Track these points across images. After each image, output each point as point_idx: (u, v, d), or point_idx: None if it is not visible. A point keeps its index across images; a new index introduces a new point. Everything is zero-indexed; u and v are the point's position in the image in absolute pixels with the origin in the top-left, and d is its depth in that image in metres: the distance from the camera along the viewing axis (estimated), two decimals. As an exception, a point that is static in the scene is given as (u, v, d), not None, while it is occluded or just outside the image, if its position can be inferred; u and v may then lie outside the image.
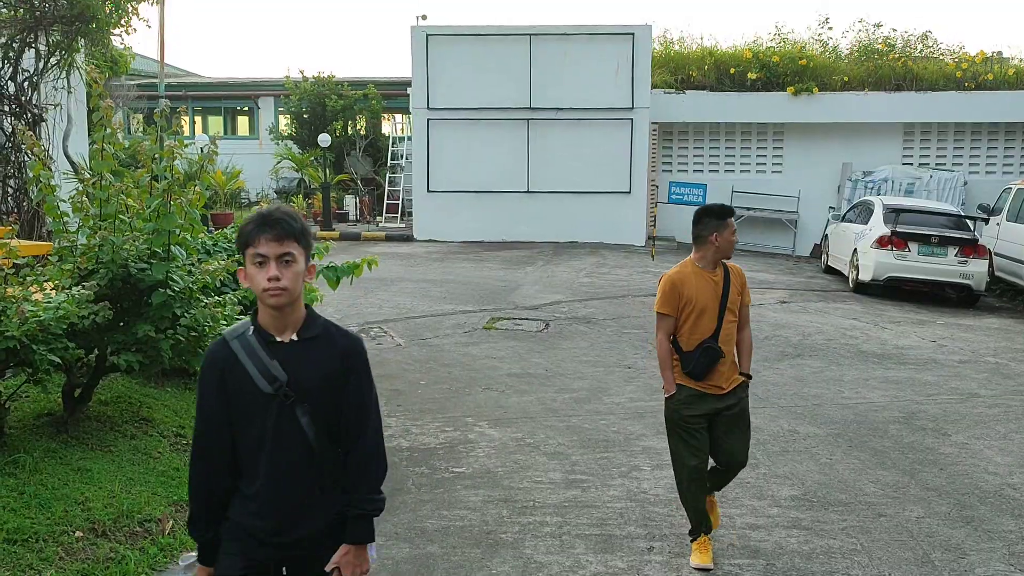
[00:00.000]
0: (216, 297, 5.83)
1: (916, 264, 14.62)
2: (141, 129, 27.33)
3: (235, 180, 24.36)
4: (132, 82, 24.82)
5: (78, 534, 4.35)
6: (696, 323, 4.85)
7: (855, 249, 15.58)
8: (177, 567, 4.40)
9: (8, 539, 4.14)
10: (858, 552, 5.01)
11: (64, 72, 9.78)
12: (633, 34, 20.01)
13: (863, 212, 16.43)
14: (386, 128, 28.00)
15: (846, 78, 21.52)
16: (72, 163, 10.34)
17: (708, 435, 4.93)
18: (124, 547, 4.38)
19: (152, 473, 5.19)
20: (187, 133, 28.69)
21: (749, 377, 5.08)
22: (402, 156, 24.20)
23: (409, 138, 23.20)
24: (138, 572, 4.22)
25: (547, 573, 4.69)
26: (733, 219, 4.98)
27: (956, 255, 14.55)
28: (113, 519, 4.55)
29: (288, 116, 27.13)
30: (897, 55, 22.38)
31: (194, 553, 4.56)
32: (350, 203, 24.54)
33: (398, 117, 28.24)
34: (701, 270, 4.93)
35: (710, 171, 22.01)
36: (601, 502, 5.68)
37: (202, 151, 5.90)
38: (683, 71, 22.18)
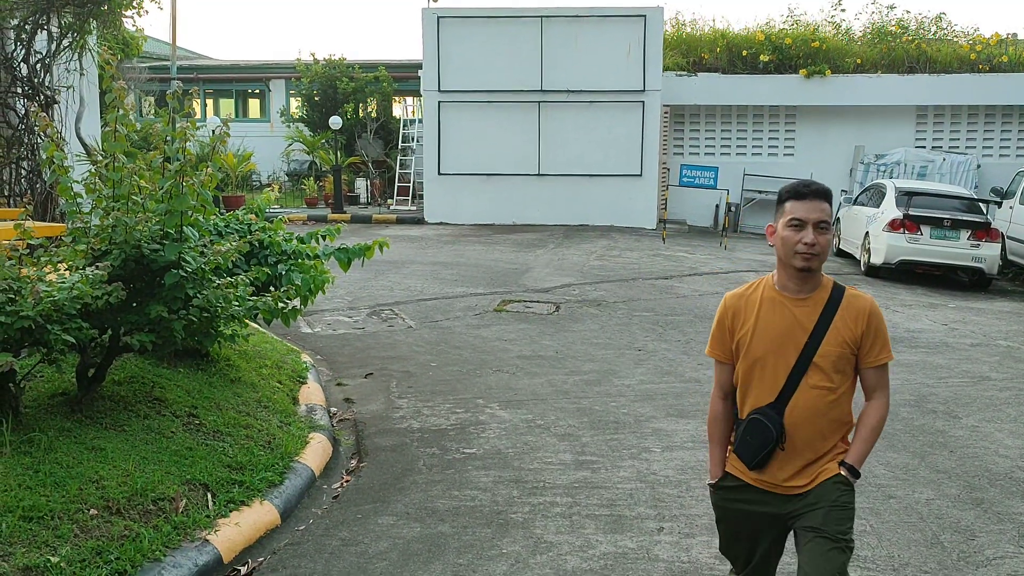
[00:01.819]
0: (228, 278, 5.85)
1: (928, 247, 14.57)
2: (153, 111, 27.38)
3: (246, 162, 24.41)
4: (144, 64, 24.86)
5: (92, 512, 4.39)
6: (754, 378, 3.24)
7: (867, 232, 15.54)
8: (190, 545, 4.44)
9: (24, 516, 4.18)
10: (868, 533, 5.02)
11: (76, 54, 9.80)
12: (645, 16, 19.94)
13: (875, 195, 16.37)
14: (397, 111, 27.99)
15: (859, 60, 21.40)
16: (85, 145, 10.38)
17: (772, 549, 3.40)
18: (138, 525, 4.42)
19: (165, 452, 5.23)
20: (199, 116, 28.73)
21: (855, 474, 3.21)
22: (413, 139, 24.19)
23: (420, 121, 23.18)
24: (152, 549, 4.26)
25: (557, 552, 4.72)
26: (812, 201, 3.12)
27: (968, 238, 14.50)
28: (127, 497, 4.59)
29: (299, 99, 27.15)
30: (910, 37, 22.24)
31: (204, 531, 4.61)
32: (361, 186, 24.56)
33: (409, 100, 28.22)
34: (778, 293, 3.22)
35: (722, 154, 21.97)
36: (611, 483, 5.70)
37: (214, 133, 5.91)
38: (695, 53, 22.11)
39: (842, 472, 3.18)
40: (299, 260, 7.62)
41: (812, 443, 3.18)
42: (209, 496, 4.98)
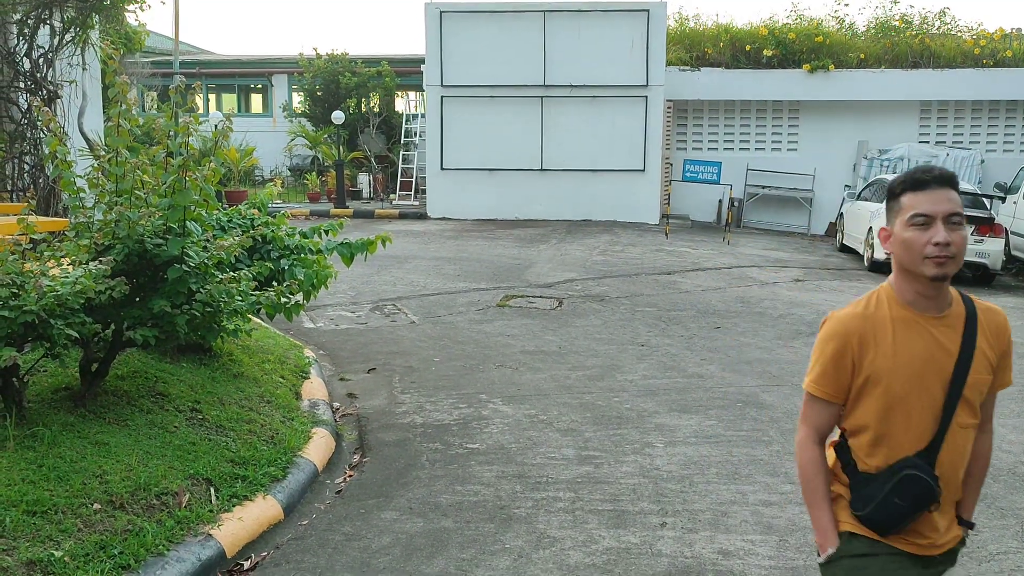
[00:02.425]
0: (231, 273, 5.85)
1: (932, 243, 14.52)
2: (155, 106, 27.38)
3: (249, 157, 24.42)
4: (146, 59, 24.85)
5: (96, 506, 4.39)
6: (892, 421, 2.55)
7: (870, 227, 15.52)
8: (193, 539, 4.44)
9: (28, 511, 4.19)
10: (871, 529, 5.01)
11: (79, 49, 9.79)
12: (648, 11, 19.90)
13: (879, 190, 16.33)
14: (400, 105, 27.98)
15: (862, 55, 21.37)
16: (87, 140, 10.36)
17: None
18: (141, 519, 4.43)
19: (168, 447, 5.24)
20: (201, 110, 28.74)
21: (970, 526, 2.73)
22: (416, 133, 24.19)
23: (423, 115, 23.17)
24: (155, 544, 4.26)
25: (560, 548, 4.72)
26: (936, 190, 2.53)
27: (972, 234, 14.46)
28: (130, 492, 4.60)
29: (302, 94, 27.15)
30: (914, 32, 22.21)
31: (208, 526, 4.61)
32: (364, 181, 24.56)
33: (412, 94, 28.20)
34: (910, 311, 2.57)
35: (725, 149, 21.95)
36: (614, 478, 5.70)
37: (216, 128, 5.90)
38: (698, 48, 22.08)
39: (963, 533, 2.70)
40: (302, 255, 7.61)
41: (956, 494, 2.63)
42: (212, 491, 4.98)
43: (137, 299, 5.43)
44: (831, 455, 2.71)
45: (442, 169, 20.73)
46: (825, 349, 2.62)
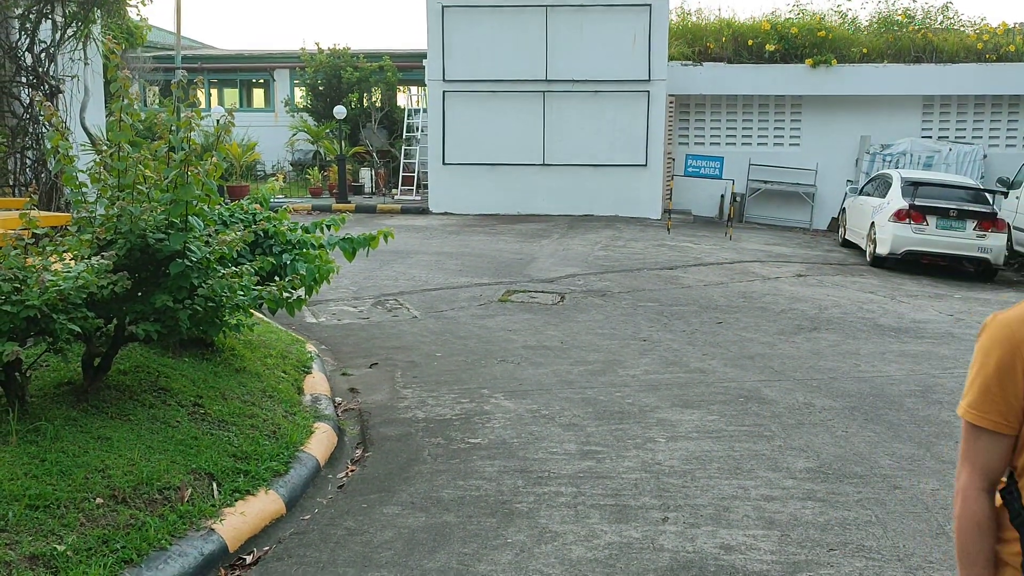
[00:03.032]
0: (233, 267, 5.86)
1: (934, 238, 14.54)
2: (157, 101, 27.38)
3: (251, 152, 24.39)
4: (148, 54, 24.85)
5: (98, 501, 4.40)
6: None
7: (873, 223, 15.51)
8: (196, 534, 4.45)
9: (30, 505, 4.19)
10: (873, 524, 5.02)
11: (81, 43, 9.78)
12: (650, 5, 19.86)
13: (881, 185, 16.33)
14: (401, 100, 27.96)
15: (865, 50, 21.34)
16: (89, 135, 10.37)
17: None
18: (144, 514, 4.43)
19: (171, 442, 5.24)
20: (203, 105, 28.73)
21: None
22: (417, 128, 24.16)
23: (425, 110, 23.15)
24: (158, 538, 4.27)
25: (562, 542, 4.72)
26: None
27: (974, 229, 14.47)
28: (133, 486, 4.60)
29: (304, 88, 27.16)
30: (917, 27, 22.18)
31: (210, 521, 4.62)
32: (365, 175, 24.55)
33: (413, 89, 28.18)
34: None
35: (727, 144, 21.92)
36: (616, 473, 5.70)
37: (218, 123, 5.90)
38: (700, 43, 22.05)
39: None
40: (304, 250, 7.62)
41: None
42: (215, 485, 4.99)
43: (139, 294, 5.44)
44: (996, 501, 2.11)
45: (444, 164, 20.72)
46: (987, 362, 2.03)
